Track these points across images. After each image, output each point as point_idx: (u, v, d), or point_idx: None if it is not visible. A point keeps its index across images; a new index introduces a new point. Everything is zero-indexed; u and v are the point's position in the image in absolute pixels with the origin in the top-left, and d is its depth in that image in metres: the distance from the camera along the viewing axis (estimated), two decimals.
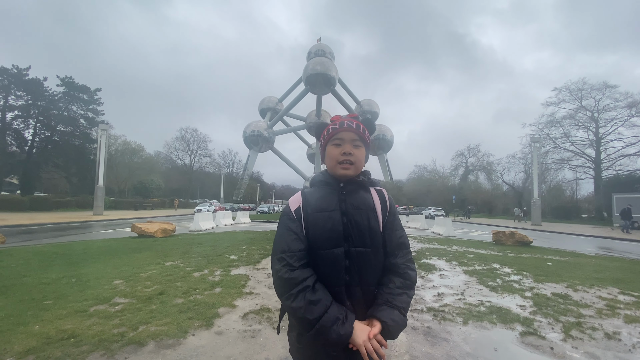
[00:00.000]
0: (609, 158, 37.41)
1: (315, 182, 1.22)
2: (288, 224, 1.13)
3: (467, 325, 3.51)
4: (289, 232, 1.11)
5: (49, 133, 35.82)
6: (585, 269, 6.95)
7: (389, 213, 1.19)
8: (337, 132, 1.17)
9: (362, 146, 1.19)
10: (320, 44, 67.87)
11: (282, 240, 1.11)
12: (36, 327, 3.23)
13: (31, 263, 6.25)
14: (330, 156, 1.18)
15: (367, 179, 1.22)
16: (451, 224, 16.28)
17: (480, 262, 7.30)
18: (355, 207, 1.15)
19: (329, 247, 1.09)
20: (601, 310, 4.11)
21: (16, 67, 33.15)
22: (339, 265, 1.09)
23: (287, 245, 1.09)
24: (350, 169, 1.16)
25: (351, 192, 1.17)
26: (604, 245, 13.56)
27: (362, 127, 1.19)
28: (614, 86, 36.30)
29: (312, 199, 1.15)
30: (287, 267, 1.06)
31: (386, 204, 1.20)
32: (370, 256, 1.12)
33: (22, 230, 13.73)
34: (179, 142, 66.34)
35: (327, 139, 1.19)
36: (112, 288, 4.55)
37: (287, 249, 1.08)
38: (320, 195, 1.16)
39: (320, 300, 1.02)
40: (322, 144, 1.22)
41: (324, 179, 1.20)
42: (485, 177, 56.64)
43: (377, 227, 1.14)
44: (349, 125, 1.17)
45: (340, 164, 1.15)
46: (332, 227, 1.10)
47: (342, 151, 1.15)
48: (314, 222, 1.11)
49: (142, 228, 10.91)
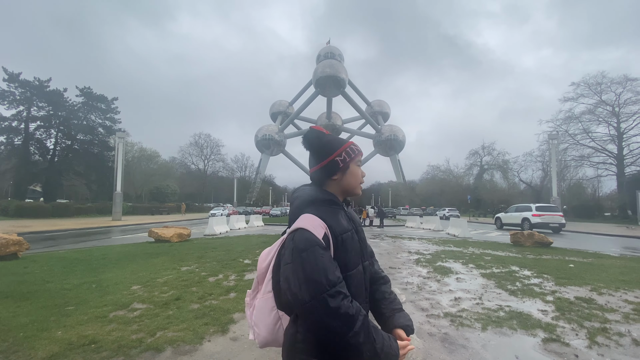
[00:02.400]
0: (632, 154, 36.01)
1: (320, 200, 1.13)
2: (321, 252, 0.98)
3: (486, 331, 3.42)
4: (329, 261, 0.98)
5: (70, 142, 37.20)
6: (610, 271, 6.68)
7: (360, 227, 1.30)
8: (359, 155, 1.22)
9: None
10: (329, 47, 68.01)
11: (325, 272, 0.95)
12: (59, 333, 3.32)
13: (54, 269, 6.45)
14: (357, 176, 1.20)
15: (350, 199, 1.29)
16: (467, 225, 15.96)
17: (498, 265, 7.11)
18: (359, 224, 1.23)
19: (355, 266, 1.09)
20: (628, 314, 3.94)
21: (38, 79, 34.60)
22: (365, 282, 1.14)
23: (334, 276, 0.96)
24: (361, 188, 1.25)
25: (349, 211, 1.22)
26: (629, 245, 13.00)
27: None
28: (635, 79, 34.97)
29: (335, 221, 1.08)
30: (347, 299, 0.95)
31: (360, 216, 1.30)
32: (369, 267, 1.23)
33: (45, 237, 14.24)
34: (193, 148, 67.56)
35: (353, 158, 1.19)
36: (130, 293, 4.65)
37: (337, 280, 0.96)
38: (337, 216, 1.12)
39: (377, 327, 1.04)
40: (346, 160, 1.17)
41: (332, 199, 1.15)
42: (501, 175, 55.33)
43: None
44: (360, 150, 1.24)
45: (359, 184, 1.22)
46: (356, 245, 1.12)
47: (363, 174, 1.23)
48: (344, 244, 1.06)
49: (159, 233, 11.13)
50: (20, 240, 7.80)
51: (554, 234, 17.00)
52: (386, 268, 6.87)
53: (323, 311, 0.91)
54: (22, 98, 34.19)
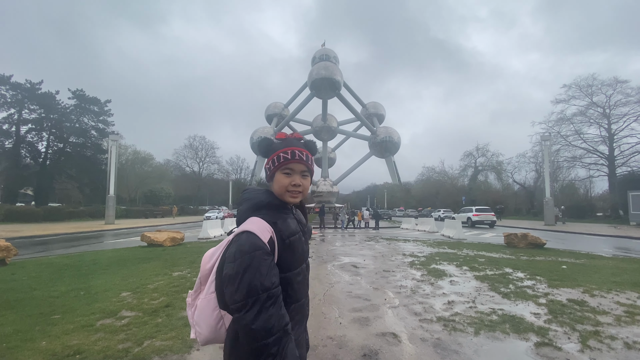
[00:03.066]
0: (623, 155, 36.46)
1: (268, 204, 1.19)
2: (264, 257, 1.02)
3: (478, 335, 3.39)
4: (269, 267, 1.02)
5: (62, 145, 36.74)
6: (602, 272, 6.71)
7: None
8: (289, 163, 1.20)
9: (308, 176, 1.26)
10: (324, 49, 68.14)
11: (261, 277, 0.99)
12: (43, 343, 3.24)
13: (42, 275, 6.32)
14: (280, 184, 1.20)
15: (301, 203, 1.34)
16: (461, 227, 16.01)
17: (491, 267, 7.12)
18: (304, 225, 1.30)
19: (299, 266, 1.18)
20: (620, 317, 3.94)
21: (29, 81, 34.18)
22: (306, 279, 1.24)
23: (270, 282, 1.00)
24: (298, 197, 1.22)
25: (297, 215, 1.30)
26: (621, 245, 13.13)
27: (311, 158, 1.27)
28: (625, 81, 35.47)
29: (283, 224, 1.15)
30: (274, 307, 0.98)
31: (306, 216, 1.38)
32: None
33: (36, 242, 13.99)
34: (188, 150, 67.11)
35: (278, 166, 1.21)
36: (119, 301, 4.56)
37: (272, 285, 1.00)
38: (285, 220, 1.18)
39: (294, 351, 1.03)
40: (271, 167, 1.23)
41: (278, 203, 1.21)
42: (495, 177, 55.68)
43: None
44: (300, 157, 1.21)
45: (289, 192, 1.20)
46: (302, 247, 1.21)
47: (292, 182, 1.20)
48: (291, 246, 1.14)
49: (151, 237, 11.00)
50: (8, 246, 7.64)
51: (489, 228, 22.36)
52: (380, 271, 6.84)
53: (250, 313, 0.97)
54: (13, 101, 33.73)
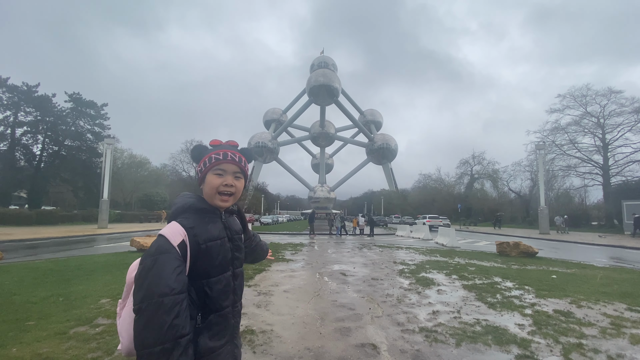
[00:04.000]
0: (617, 164, 36.77)
1: (193, 208, 1.16)
2: (169, 260, 0.98)
3: (459, 347, 3.32)
4: (172, 271, 0.97)
5: (57, 148, 36.47)
6: (592, 282, 6.67)
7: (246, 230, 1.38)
8: (220, 163, 1.18)
9: (242, 178, 1.24)
10: (323, 56, 68.73)
11: (164, 277, 0.95)
12: (14, 350, 3.15)
13: (24, 280, 6.20)
14: (211, 185, 1.18)
15: (235, 207, 1.30)
16: (455, 235, 15.96)
17: (481, 276, 7.06)
18: (237, 232, 1.26)
19: (220, 273, 1.13)
20: (605, 329, 3.89)
21: (26, 84, 34.04)
22: (229, 287, 1.16)
23: (172, 286, 0.94)
24: (229, 200, 1.19)
25: (230, 219, 1.25)
26: (614, 254, 13.12)
27: (243, 160, 1.24)
28: (619, 91, 35.97)
29: (202, 229, 1.12)
30: (170, 312, 0.92)
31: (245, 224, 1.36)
32: (243, 273, 1.29)
33: (25, 245, 13.80)
34: (184, 155, 66.88)
35: (209, 167, 1.19)
36: (97, 307, 4.45)
37: (169, 291, 0.93)
38: (207, 224, 1.14)
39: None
40: (202, 170, 1.21)
41: (203, 207, 1.18)
42: (491, 185, 55.89)
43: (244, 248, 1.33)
44: (232, 158, 1.20)
45: (220, 194, 1.18)
46: (224, 254, 1.15)
47: (223, 182, 1.17)
48: (207, 252, 1.10)
49: (141, 242, 10.86)
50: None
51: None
52: (369, 279, 6.76)
53: (142, 318, 0.93)
54: (9, 103, 33.54)
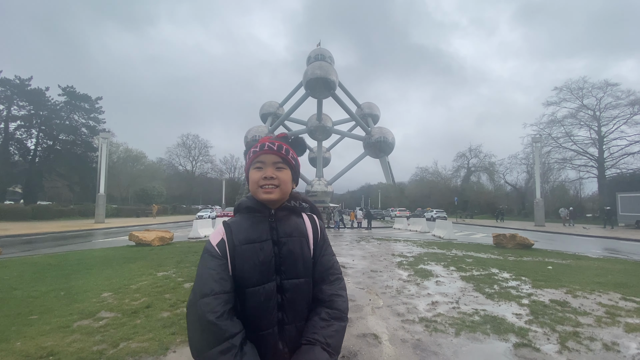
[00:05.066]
0: (612, 157, 37.10)
1: (240, 208, 1.13)
2: (209, 261, 1.00)
3: (459, 336, 3.39)
4: (212, 272, 0.98)
5: (51, 142, 36.11)
6: (587, 272, 6.79)
7: (320, 237, 1.14)
8: (258, 156, 1.11)
9: (286, 168, 1.12)
10: (319, 49, 68.02)
11: (203, 282, 0.96)
12: (17, 344, 3.17)
13: (24, 275, 6.21)
14: (252, 180, 1.10)
15: (298, 204, 1.16)
16: (452, 227, 16.11)
17: (478, 267, 7.16)
18: (288, 234, 1.07)
19: (259, 283, 0.99)
20: (600, 318, 3.98)
21: (19, 77, 33.56)
22: (272, 302, 1.00)
23: (209, 287, 0.95)
24: (273, 192, 1.08)
25: (283, 219, 1.10)
26: (608, 246, 13.32)
27: (285, 148, 1.13)
28: (615, 84, 36.11)
29: (239, 230, 1.05)
30: (211, 313, 0.91)
31: (317, 228, 1.14)
32: (304, 287, 1.05)
33: (22, 240, 13.75)
34: (181, 149, 66.49)
35: (249, 162, 1.13)
36: (99, 301, 4.48)
37: (209, 292, 0.94)
38: (248, 225, 1.07)
39: None
40: (246, 167, 1.16)
41: (251, 205, 1.11)
42: (488, 178, 56.19)
43: (308, 255, 1.09)
44: (269, 147, 1.11)
45: (261, 187, 1.08)
46: (263, 259, 1.02)
47: (263, 175, 1.09)
48: (242, 255, 1.01)
49: (139, 236, 10.87)
50: None
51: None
52: (368, 271, 6.83)
53: (189, 318, 0.97)
54: (2, 97, 33.07)
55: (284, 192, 1.10)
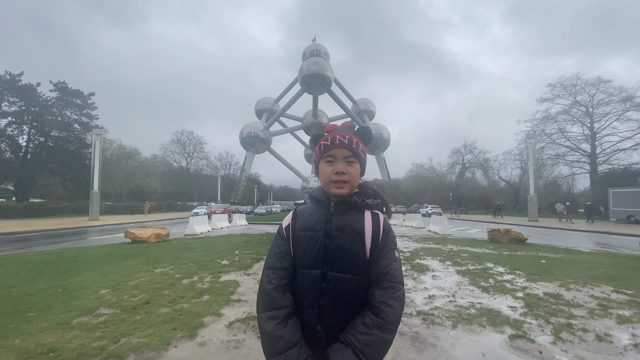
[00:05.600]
0: (604, 152, 37.60)
1: (311, 197, 1.22)
2: (277, 240, 1.16)
3: (456, 329, 3.46)
4: (277, 249, 1.14)
5: (43, 139, 35.62)
6: (580, 266, 6.92)
7: (381, 239, 1.08)
8: (329, 149, 1.10)
9: (356, 162, 1.11)
10: (315, 44, 67.74)
11: (270, 256, 1.15)
12: (17, 341, 3.16)
13: (20, 273, 6.16)
14: (324, 175, 1.12)
15: (361, 200, 1.12)
16: (447, 222, 16.26)
17: (474, 262, 7.26)
18: (340, 229, 1.08)
19: (307, 267, 1.08)
20: (593, 310, 4.07)
21: (9, 73, 32.97)
22: (315, 288, 1.07)
23: (272, 262, 1.12)
24: (344, 187, 1.09)
25: (340, 213, 1.11)
26: (600, 240, 13.56)
27: (355, 141, 1.11)
28: (608, 81, 36.50)
29: (302, 217, 1.15)
30: (269, 284, 1.08)
31: (379, 229, 1.09)
32: (351, 283, 1.05)
33: (16, 238, 13.60)
34: (175, 145, 65.97)
35: (320, 155, 1.14)
36: (97, 298, 4.47)
37: (271, 266, 1.12)
38: (309, 214, 1.14)
39: (283, 338, 1.00)
40: (315, 160, 1.17)
41: (317, 196, 1.18)
42: (482, 174, 56.69)
43: (362, 253, 1.06)
44: (340, 141, 1.09)
45: (334, 182, 1.10)
46: (313, 247, 1.08)
47: (334, 170, 1.09)
48: (298, 240, 1.11)
49: (135, 233, 10.81)
50: None
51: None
52: None
53: (260, 283, 1.14)
54: None
55: (353, 187, 1.12)
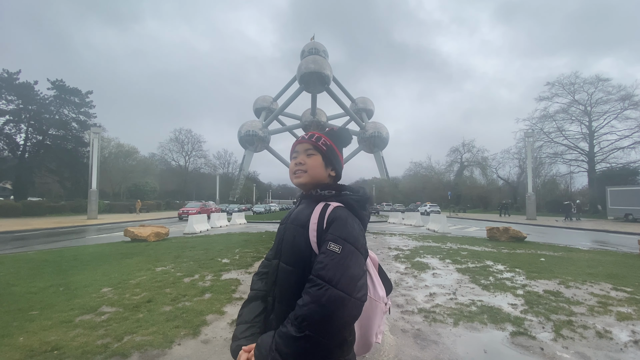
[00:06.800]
0: (603, 151, 37.68)
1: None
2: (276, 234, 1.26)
3: (457, 326, 3.49)
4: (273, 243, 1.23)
5: (41, 137, 35.41)
6: (578, 264, 6.97)
7: (325, 231, 0.98)
8: (294, 146, 1.23)
9: (316, 154, 1.16)
10: (313, 43, 67.57)
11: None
12: (20, 339, 3.16)
13: (20, 271, 6.15)
14: (290, 169, 1.23)
15: (315, 192, 1.12)
16: (446, 221, 16.32)
17: (473, 260, 7.29)
18: (292, 221, 1.11)
19: (272, 258, 1.17)
20: (593, 307, 4.11)
21: (6, 71, 32.71)
22: (272, 278, 1.13)
23: (268, 253, 1.25)
24: (302, 176, 1.15)
25: (301, 206, 1.15)
26: (598, 238, 13.65)
27: (316, 136, 1.19)
28: (606, 79, 36.54)
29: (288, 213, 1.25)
30: (257, 270, 1.28)
31: (323, 220, 1.00)
32: (292, 276, 1.01)
33: (14, 237, 13.56)
34: (173, 144, 65.89)
35: (290, 156, 1.25)
36: (99, 296, 4.47)
37: (265, 257, 1.27)
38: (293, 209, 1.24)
39: (241, 315, 1.15)
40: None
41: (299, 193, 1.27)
42: (480, 172, 56.80)
43: (303, 246, 1.01)
44: (302, 137, 1.22)
45: (294, 174, 1.18)
46: (276, 238, 1.19)
47: (295, 162, 1.20)
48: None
49: (135, 232, 10.80)
50: None
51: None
52: None
53: None
54: None
55: (312, 177, 1.15)
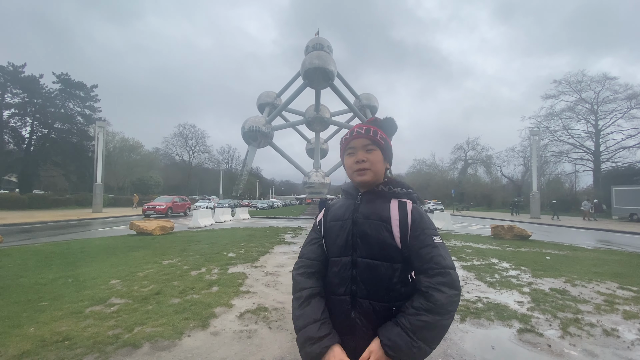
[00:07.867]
0: (608, 150, 37.42)
1: (342, 190, 1.29)
2: (310, 233, 1.28)
3: (464, 322, 3.49)
4: (309, 240, 1.26)
5: (46, 131, 35.62)
6: (584, 263, 6.94)
7: (412, 227, 1.08)
8: (349, 142, 1.19)
9: (376, 149, 1.16)
10: (318, 38, 67.13)
11: (302, 248, 1.27)
12: (31, 330, 3.21)
13: (28, 263, 6.22)
14: (347, 166, 1.20)
15: (388, 188, 1.17)
16: (450, 218, 16.29)
17: (478, 257, 7.29)
18: (366, 216, 1.13)
19: (338, 255, 1.14)
20: (599, 305, 4.10)
21: (12, 64, 32.85)
22: (345, 274, 1.11)
23: (302, 252, 1.25)
24: (366, 174, 1.15)
25: (366, 202, 1.17)
26: (602, 237, 13.57)
27: (373, 130, 1.17)
28: (613, 78, 36.17)
29: (333, 210, 1.24)
30: (296, 270, 1.21)
31: (407, 216, 1.10)
32: (380, 269, 1.07)
33: (20, 229, 13.70)
34: (177, 139, 66.13)
35: (342, 150, 1.23)
36: (108, 288, 4.52)
37: (301, 255, 1.24)
38: (339, 206, 1.23)
39: (303, 316, 1.08)
40: (341, 156, 1.26)
41: (347, 189, 1.26)
42: (485, 170, 56.58)
43: (389, 240, 1.08)
44: (358, 132, 1.17)
45: (356, 171, 1.17)
46: (341, 235, 1.15)
47: (355, 159, 1.17)
48: (329, 230, 1.19)
49: (140, 226, 10.88)
50: None
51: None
52: None
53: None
54: None
55: (376, 173, 1.16)
